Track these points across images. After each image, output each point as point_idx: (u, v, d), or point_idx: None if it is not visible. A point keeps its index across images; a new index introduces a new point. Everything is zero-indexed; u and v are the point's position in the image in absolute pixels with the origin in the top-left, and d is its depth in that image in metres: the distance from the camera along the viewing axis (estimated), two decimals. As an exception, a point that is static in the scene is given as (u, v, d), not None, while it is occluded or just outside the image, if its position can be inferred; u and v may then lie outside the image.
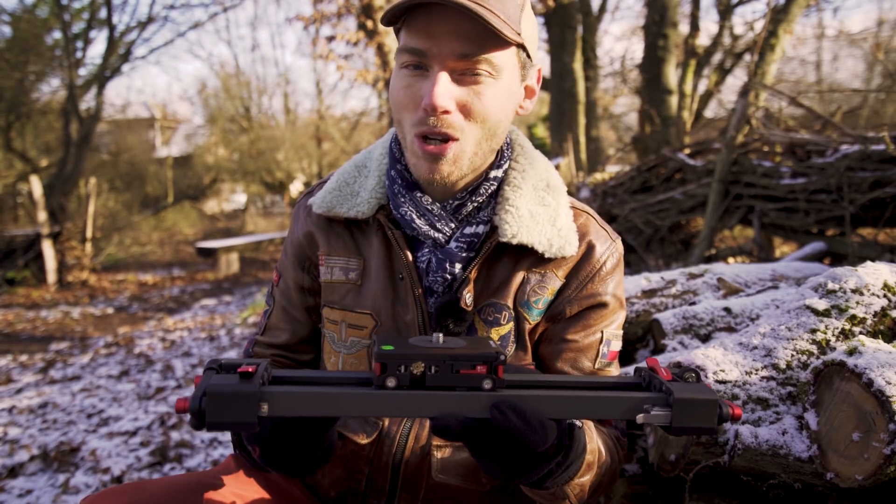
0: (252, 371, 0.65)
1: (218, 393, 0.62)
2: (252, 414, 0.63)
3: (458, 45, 0.86)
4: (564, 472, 0.81)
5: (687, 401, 0.67)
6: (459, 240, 0.99)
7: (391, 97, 0.94)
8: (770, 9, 6.52)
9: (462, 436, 0.68)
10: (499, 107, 0.92)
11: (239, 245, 10.70)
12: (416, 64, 0.89)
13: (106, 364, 4.74)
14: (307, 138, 16.52)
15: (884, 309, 1.17)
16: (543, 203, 1.02)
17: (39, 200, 8.42)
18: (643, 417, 0.69)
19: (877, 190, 3.01)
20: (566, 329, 1.03)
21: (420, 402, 0.67)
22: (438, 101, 0.86)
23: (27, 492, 2.63)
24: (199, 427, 0.63)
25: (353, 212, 1.02)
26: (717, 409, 0.68)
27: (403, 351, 0.67)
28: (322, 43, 8.40)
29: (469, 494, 1.05)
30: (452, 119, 0.89)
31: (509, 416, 0.67)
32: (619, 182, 5.46)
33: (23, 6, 11.49)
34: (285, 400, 0.65)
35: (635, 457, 1.68)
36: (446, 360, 0.67)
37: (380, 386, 0.67)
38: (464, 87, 0.89)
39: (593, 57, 9.50)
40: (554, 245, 0.99)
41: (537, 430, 0.69)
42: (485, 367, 0.68)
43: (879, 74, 9.61)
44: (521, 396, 0.69)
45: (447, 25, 0.85)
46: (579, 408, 0.70)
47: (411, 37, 0.88)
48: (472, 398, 0.68)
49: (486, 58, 0.87)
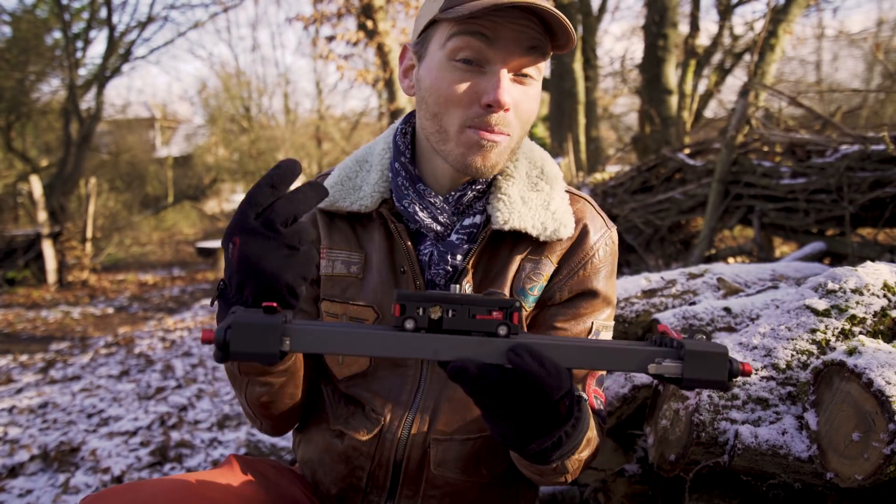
0: (275, 306, 0.67)
1: (243, 324, 0.65)
2: (275, 346, 0.65)
3: (521, 47, 0.88)
4: (572, 442, 0.80)
5: (698, 353, 0.68)
6: (459, 231, 1.00)
7: (435, 90, 0.92)
8: (770, 9, 6.51)
9: (479, 379, 0.68)
10: (537, 107, 0.96)
11: (239, 245, 10.68)
12: (476, 59, 0.89)
13: (106, 364, 4.74)
14: (307, 138, 16.53)
15: (884, 309, 1.17)
16: (536, 188, 1.02)
17: (39, 200, 8.43)
18: (654, 368, 0.70)
19: (877, 190, 3.01)
20: (556, 317, 1.03)
21: (437, 344, 0.69)
22: (506, 98, 0.88)
23: (27, 492, 2.63)
24: (224, 359, 0.65)
25: (356, 205, 1.02)
26: (728, 363, 0.69)
27: (422, 293, 0.70)
28: (322, 43, 8.41)
29: (469, 489, 1.05)
30: (509, 117, 0.91)
31: (525, 358, 0.67)
32: (619, 182, 5.46)
33: (23, 6, 11.50)
34: (307, 335, 0.67)
35: (635, 457, 1.68)
36: (463, 304, 0.69)
37: (398, 327, 0.69)
38: (517, 86, 0.91)
39: (593, 57, 9.51)
40: (548, 228, 0.99)
41: (553, 374, 0.68)
42: (501, 314, 0.69)
43: (879, 74, 9.62)
44: (537, 343, 0.70)
45: (514, 26, 0.87)
46: (593, 358, 0.71)
47: (475, 31, 0.87)
48: (489, 343, 0.69)
49: (541, 61, 0.91)
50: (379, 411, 1.03)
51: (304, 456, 1.13)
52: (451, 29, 0.89)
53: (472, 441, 1.03)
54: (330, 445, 1.07)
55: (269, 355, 0.65)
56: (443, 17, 0.88)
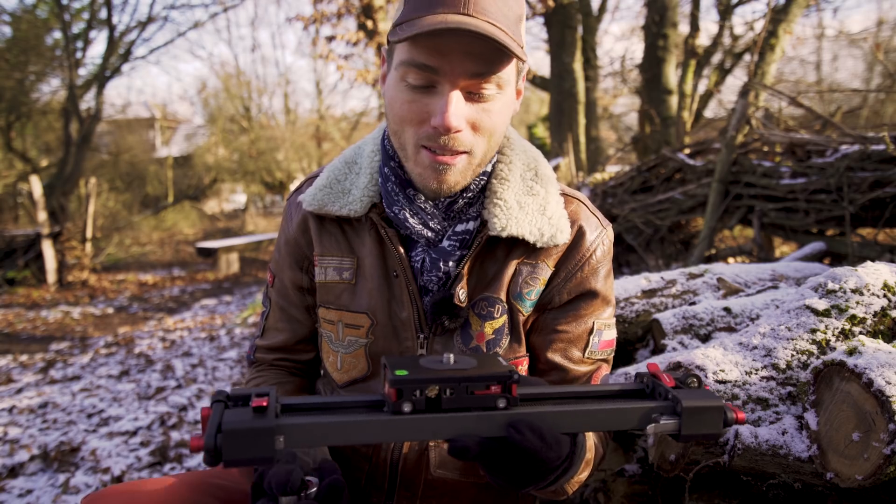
0: (265, 405, 0.64)
1: (234, 430, 0.62)
2: (269, 448, 0.63)
3: (471, 65, 0.85)
4: (567, 476, 0.83)
5: (695, 409, 0.69)
6: (452, 238, 0.99)
7: (390, 108, 0.92)
8: (770, 9, 6.51)
9: (481, 456, 0.69)
10: (505, 118, 0.93)
11: (239, 245, 10.70)
12: (424, 81, 0.87)
13: (106, 364, 4.74)
14: (307, 138, 16.52)
15: (884, 309, 1.17)
16: (532, 192, 1.01)
17: (39, 200, 8.42)
18: (653, 428, 0.70)
19: (877, 190, 3.01)
20: (557, 319, 1.03)
21: (437, 424, 0.68)
22: (454, 121, 0.86)
23: (27, 492, 2.63)
24: (215, 464, 0.63)
25: (345, 210, 1.02)
26: (723, 415, 0.70)
27: (417, 375, 0.67)
28: (322, 43, 8.40)
29: (466, 489, 1.05)
30: (463, 137, 0.89)
31: (527, 435, 0.68)
32: (619, 182, 5.46)
33: (23, 6, 11.50)
34: (302, 432, 0.65)
35: (635, 457, 1.68)
36: (461, 382, 0.68)
37: (396, 411, 0.67)
38: (473, 104, 0.89)
39: (593, 57, 9.50)
40: (545, 234, 0.99)
41: (553, 447, 0.71)
42: (499, 387, 0.69)
43: (879, 74, 9.61)
44: (537, 413, 0.70)
45: (459, 45, 0.84)
46: (593, 421, 0.71)
47: (420, 53, 0.85)
48: (488, 418, 0.68)
49: (497, 76, 0.88)
50: None
51: (304, 456, 1.13)
52: (403, 46, 0.88)
53: None
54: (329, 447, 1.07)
55: (265, 459, 0.63)
56: (391, 39, 0.87)
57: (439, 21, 0.82)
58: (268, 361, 1.15)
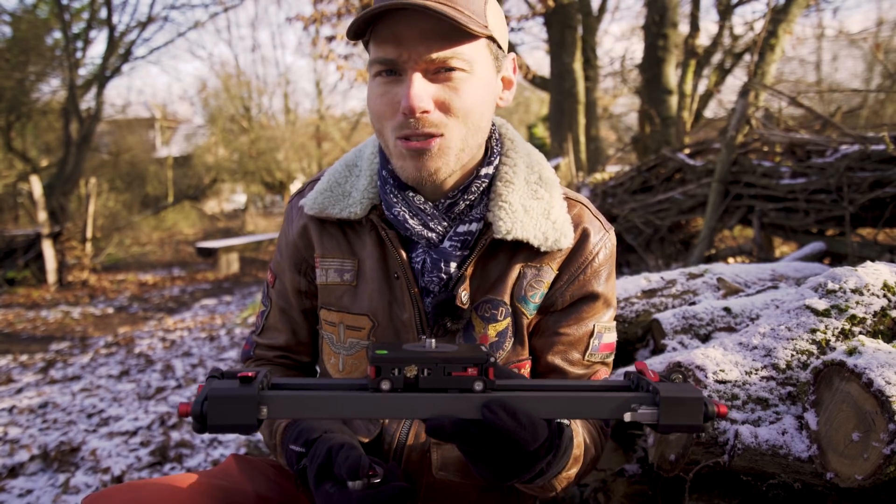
0: (252, 376, 0.67)
1: (219, 397, 0.65)
2: (252, 416, 0.65)
3: (425, 46, 0.86)
4: (553, 469, 0.83)
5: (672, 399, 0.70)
6: (453, 238, 0.99)
7: (370, 108, 0.94)
8: (770, 9, 6.51)
9: (455, 436, 0.70)
10: (479, 100, 0.92)
11: (239, 245, 10.70)
12: (388, 71, 0.89)
13: (106, 364, 4.74)
14: (307, 138, 16.53)
15: (883, 309, 1.17)
16: (536, 196, 1.02)
17: (39, 200, 8.42)
18: (631, 416, 0.71)
19: (877, 190, 3.01)
20: (559, 322, 1.03)
21: (413, 403, 0.69)
22: (416, 102, 0.86)
23: (27, 492, 2.63)
24: (202, 430, 0.65)
25: (345, 212, 1.02)
26: (703, 407, 0.70)
27: (397, 355, 0.70)
28: (322, 43, 8.40)
29: (468, 491, 1.05)
30: (433, 118, 0.89)
31: (499, 414, 0.69)
32: (619, 182, 5.46)
33: (23, 6, 11.51)
34: (283, 403, 0.68)
35: (635, 457, 1.68)
36: (438, 363, 0.70)
37: (374, 389, 0.69)
38: (439, 84, 0.89)
39: (593, 57, 9.50)
40: (549, 238, 0.99)
41: (527, 427, 0.70)
42: (476, 370, 0.70)
43: (879, 74, 9.62)
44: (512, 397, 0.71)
45: (413, 29, 0.86)
46: (568, 407, 0.72)
47: (380, 47, 0.88)
48: (464, 399, 0.70)
49: (456, 53, 0.87)
50: None
51: (304, 457, 1.14)
52: (371, 47, 0.91)
53: None
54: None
55: (247, 426, 0.65)
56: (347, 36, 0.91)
57: (386, 5, 0.84)
58: (268, 358, 1.15)
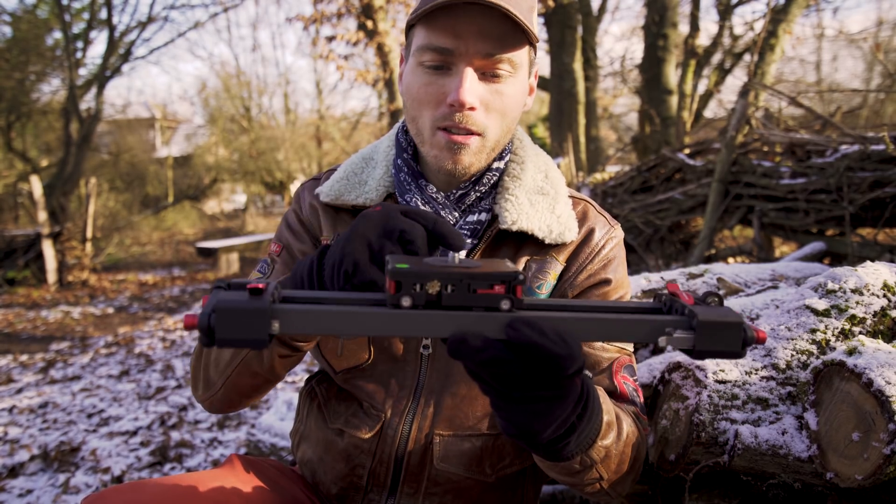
0: (262, 287, 0.61)
1: (228, 309, 0.58)
2: (263, 331, 0.59)
3: (484, 44, 0.89)
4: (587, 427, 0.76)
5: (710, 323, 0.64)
6: (463, 227, 1.01)
7: (408, 93, 0.96)
8: (770, 9, 6.51)
9: (481, 352, 0.62)
10: (517, 103, 0.96)
11: (239, 245, 10.70)
12: (438, 65, 0.91)
13: (106, 364, 4.74)
14: (307, 138, 16.53)
15: (883, 309, 1.17)
16: (542, 192, 1.05)
17: (40, 200, 8.42)
18: (665, 340, 0.65)
19: (876, 190, 3.01)
20: None
21: (435, 321, 0.63)
22: (467, 97, 0.89)
23: (27, 492, 2.63)
24: (209, 344, 0.59)
25: (360, 199, 1.05)
26: (742, 332, 0.64)
27: (419, 269, 0.63)
28: (322, 43, 8.41)
29: (472, 487, 1.05)
30: (476, 116, 0.92)
31: (524, 330, 0.61)
32: (619, 182, 5.46)
33: (23, 6, 11.51)
34: (297, 317, 0.62)
35: (635, 457, 1.67)
36: (463, 279, 0.63)
37: (394, 305, 0.63)
38: (487, 84, 0.92)
39: (593, 57, 9.50)
40: (554, 231, 1.01)
41: (559, 343, 0.62)
42: (503, 287, 0.64)
43: (879, 74, 9.62)
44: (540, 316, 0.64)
45: (473, 25, 0.88)
46: (600, 329, 0.66)
47: (436, 35, 0.90)
48: (490, 318, 0.63)
49: (509, 56, 0.91)
50: (379, 407, 1.03)
51: (304, 457, 1.14)
52: (420, 32, 0.92)
53: (476, 438, 1.03)
54: (330, 444, 1.08)
55: (258, 341, 0.59)
56: (410, 19, 0.93)
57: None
58: None
